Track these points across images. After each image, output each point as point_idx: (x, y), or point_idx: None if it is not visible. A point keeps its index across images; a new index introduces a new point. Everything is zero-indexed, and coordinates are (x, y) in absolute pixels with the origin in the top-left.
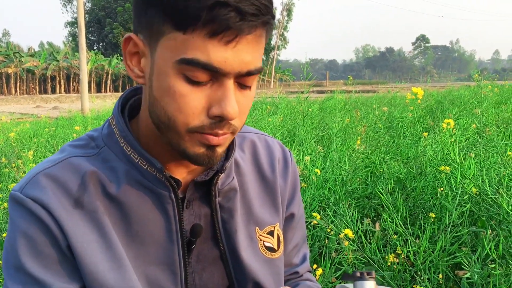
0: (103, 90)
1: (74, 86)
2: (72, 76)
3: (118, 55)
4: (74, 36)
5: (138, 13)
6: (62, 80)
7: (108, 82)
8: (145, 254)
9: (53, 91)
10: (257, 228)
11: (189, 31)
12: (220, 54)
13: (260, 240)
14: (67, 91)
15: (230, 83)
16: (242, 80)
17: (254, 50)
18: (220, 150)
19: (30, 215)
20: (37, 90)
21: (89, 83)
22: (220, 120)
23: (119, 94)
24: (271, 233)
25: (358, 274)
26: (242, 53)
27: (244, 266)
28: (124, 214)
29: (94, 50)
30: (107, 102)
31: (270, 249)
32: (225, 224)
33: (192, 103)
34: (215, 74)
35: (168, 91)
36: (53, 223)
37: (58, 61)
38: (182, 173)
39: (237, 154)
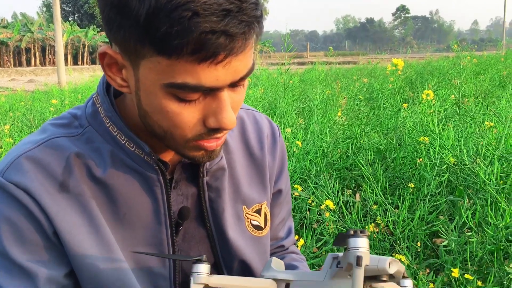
0: (80, 63)
1: (50, 59)
2: (47, 48)
3: (95, 26)
4: (48, 7)
5: (108, 21)
6: (37, 53)
7: (85, 54)
8: (133, 236)
9: (28, 63)
10: (244, 206)
11: (174, 57)
12: (211, 75)
13: (247, 218)
14: (43, 63)
15: (224, 95)
16: (235, 83)
17: (246, 57)
18: (218, 148)
19: (13, 201)
20: (12, 62)
21: (65, 55)
22: (217, 130)
23: (97, 66)
24: (258, 211)
25: (352, 232)
26: (235, 67)
27: (231, 245)
28: (111, 197)
29: (69, 21)
30: (84, 75)
31: (257, 227)
32: (212, 204)
33: (186, 119)
34: (208, 91)
35: (159, 110)
36: (37, 209)
37: (32, 32)
38: (169, 154)
39: None
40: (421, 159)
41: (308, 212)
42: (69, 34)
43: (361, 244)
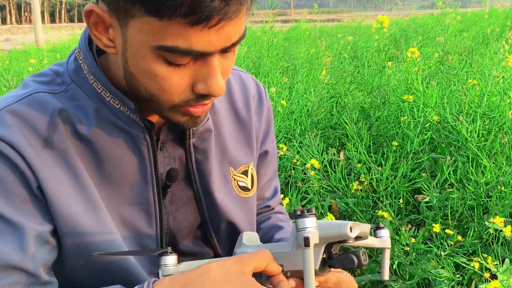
0: (57, 21)
1: (26, 16)
2: (23, 6)
3: None
4: None
5: None
6: (12, 10)
7: (63, 12)
8: (119, 194)
9: (4, 22)
10: (231, 168)
11: (166, 18)
12: (203, 39)
13: (234, 180)
14: (19, 21)
15: (214, 60)
16: (226, 49)
17: (239, 23)
18: (204, 114)
19: None
20: None
21: (42, 13)
22: (206, 96)
23: (75, 25)
24: (245, 172)
25: (299, 212)
26: (227, 32)
27: (218, 206)
28: (96, 154)
29: None
30: (62, 34)
31: (244, 189)
32: (199, 165)
33: (175, 83)
34: (199, 55)
35: (147, 73)
36: (23, 162)
37: None
38: (155, 115)
39: None
40: (405, 117)
41: (293, 171)
42: None
43: (308, 224)
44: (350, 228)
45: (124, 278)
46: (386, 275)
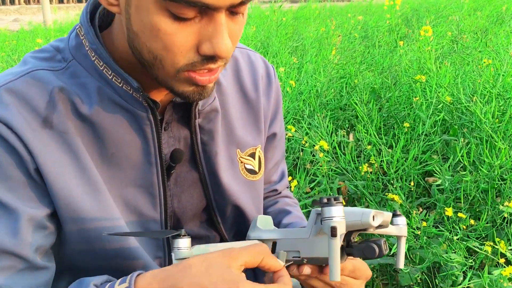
0: (65, 1)
1: None
2: None
3: None
4: None
5: None
6: None
7: None
8: (122, 176)
9: (12, 2)
10: (238, 150)
11: None
12: None
13: (241, 162)
14: (27, 2)
15: (221, 18)
16: (234, 9)
17: None
18: (211, 85)
19: None
20: None
21: None
22: (212, 58)
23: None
24: (252, 155)
25: (325, 200)
26: None
27: (224, 189)
28: (97, 135)
29: None
30: (70, 14)
31: (251, 172)
32: (205, 147)
33: (179, 41)
34: (205, 9)
35: (150, 29)
36: (19, 143)
37: None
38: (160, 94)
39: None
40: (417, 98)
41: (301, 153)
42: None
43: (336, 213)
44: (373, 216)
45: (127, 263)
46: (401, 263)
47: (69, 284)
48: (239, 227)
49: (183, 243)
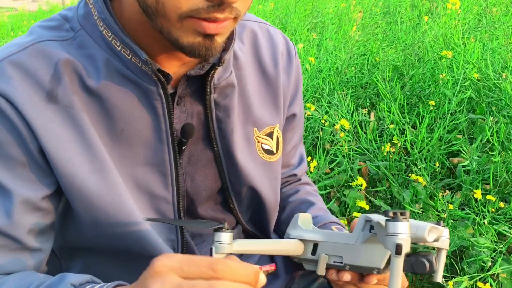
0: None
1: None
2: None
3: None
4: None
5: None
6: None
7: None
8: (132, 155)
9: None
10: (255, 129)
11: None
12: None
13: (258, 142)
14: None
15: None
16: None
17: None
18: (220, 40)
19: None
20: None
21: None
22: (219, 3)
23: None
24: (270, 134)
25: (391, 214)
26: None
27: (240, 169)
28: (105, 110)
29: None
30: None
31: (268, 152)
32: (220, 124)
33: None
34: None
35: None
36: (21, 121)
37: None
38: (173, 66)
39: (236, 45)
40: (443, 75)
41: (320, 133)
42: None
43: (401, 230)
44: (428, 231)
45: (138, 245)
46: (439, 277)
47: (83, 265)
48: (254, 211)
49: (224, 237)
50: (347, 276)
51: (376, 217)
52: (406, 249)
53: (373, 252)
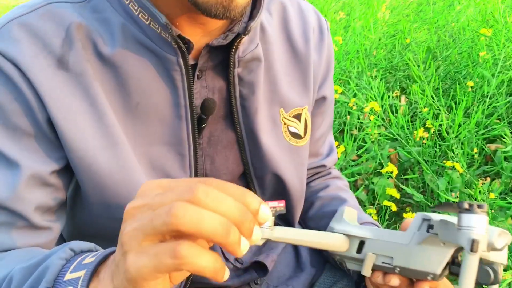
0: None
1: None
2: None
3: None
4: None
5: None
6: None
7: None
8: (146, 132)
9: None
10: (281, 109)
11: None
12: None
13: (284, 124)
14: None
15: None
16: None
17: None
18: (241, 1)
19: None
20: None
21: None
22: None
23: None
24: (297, 116)
25: (466, 205)
26: None
27: (264, 153)
28: (120, 81)
29: None
30: None
31: (296, 136)
32: (244, 101)
33: None
34: None
35: None
36: (28, 87)
37: None
38: (195, 34)
39: (264, 16)
40: (484, 53)
41: (348, 117)
42: None
43: (478, 224)
44: (498, 235)
45: None
46: None
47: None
48: (278, 199)
49: (267, 222)
50: (395, 280)
51: (435, 216)
52: (482, 246)
53: (430, 255)
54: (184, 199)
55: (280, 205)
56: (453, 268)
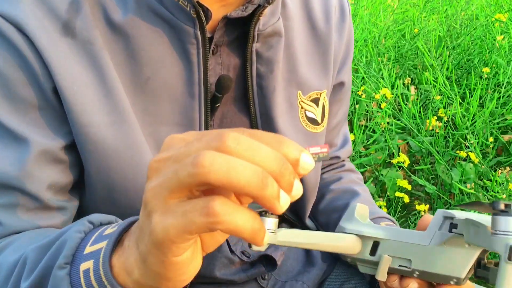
0: None
1: None
2: None
3: None
4: None
5: None
6: None
7: None
8: (156, 110)
9: None
10: (299, 92)
11: None
12: None
13: (302, 108)
14: None
15: None
16: None
17: None
18: None
19: (0, 40)
20: None
21: None
22: None
23: None
24: (315, 101)
25: (502, 206)
26: None
27: None
28: (131, 52)
29: None
30: None
31: (312, 121)
32: (260, 80)
33: None
34: None
35: None
36: (33, 54)
37: None
38: (212, 3)
39: None
40: (501, 37)
41: (357, 106)
42: None
43: None
44: None
45: None
46: None
47: None
48: None
49: (269, 224)
50: (413, 285)
51: (458, 214)
52: None
53: (453, 258)
54: (212, 148)
55: (323, 150)
56: (480, 272)
